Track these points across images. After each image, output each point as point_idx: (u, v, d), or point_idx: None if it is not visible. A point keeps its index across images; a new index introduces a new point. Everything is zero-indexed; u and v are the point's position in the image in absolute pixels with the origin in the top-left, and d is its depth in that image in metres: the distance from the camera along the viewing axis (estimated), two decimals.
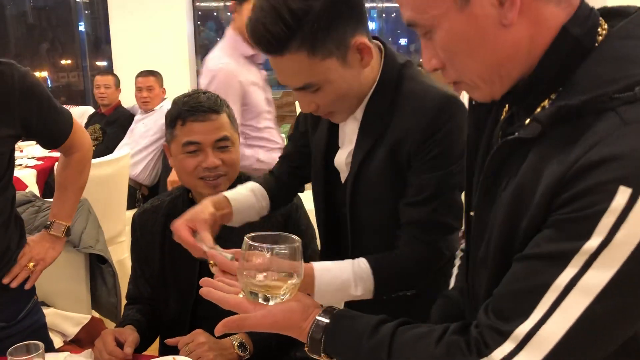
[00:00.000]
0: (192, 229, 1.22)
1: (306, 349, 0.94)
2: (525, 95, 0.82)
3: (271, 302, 0.93)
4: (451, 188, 1.23)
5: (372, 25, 8.51)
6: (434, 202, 1.23)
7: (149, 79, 4.45)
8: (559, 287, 0.70)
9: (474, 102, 0.95)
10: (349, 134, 1.34)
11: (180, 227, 1.23)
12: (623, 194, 0.66)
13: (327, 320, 0.92)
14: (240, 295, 0.96)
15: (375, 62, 1.25)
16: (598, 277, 0.68)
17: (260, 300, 0.93)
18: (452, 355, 0.79)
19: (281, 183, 1.52)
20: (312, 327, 0.92)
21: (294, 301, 0.95)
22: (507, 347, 0.74)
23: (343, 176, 1.38)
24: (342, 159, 1.35)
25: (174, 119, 1.56)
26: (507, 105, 0.90)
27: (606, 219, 0.67)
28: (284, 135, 2.98)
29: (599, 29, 0.78)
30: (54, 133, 1.60)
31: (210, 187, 1.55)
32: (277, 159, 1.59)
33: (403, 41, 9.20)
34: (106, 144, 4.49)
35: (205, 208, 1.28)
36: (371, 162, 1.28)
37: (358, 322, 0.91)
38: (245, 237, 0.93)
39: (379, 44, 1.29)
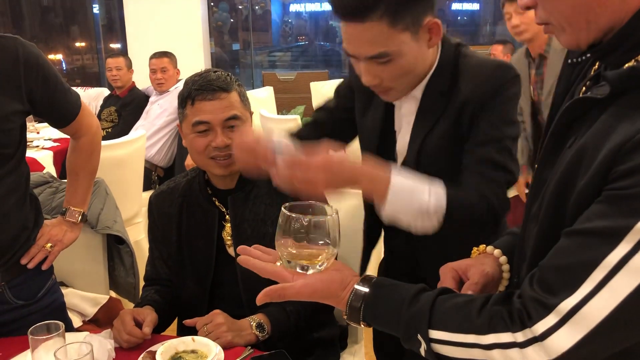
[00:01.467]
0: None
1: (344, 317, 0.95)
2: (612, 51, 0.79)
3: (309, 272, 0.95)
4: (513, 139, 1.30)
5: None
6: (497, 145, 1.28)
7: (163, 60, 4.44)
8: (609, 264, 0.69)
9: (569, 61, 0.93)
10: (406, 115, 1.38)
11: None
12: None
13: (366, 289, 0.93)
14: (278, 264, 0.98)
15: (435, 48, 1.32)
16: None
17: (298, 269, 0.95)
18: (493, 325, 0.79)
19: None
20: (351, 296, 0.93)
21: (333, 270, 0.96)
22: (551, 320, 0.73)
23: (400, 159, 1.41)
24: (405, 142, 1.38)
25: (184, 98, 1.55)
26: (597, 64, 0.87)
27: None
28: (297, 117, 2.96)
29: None
30: (60, 110, 1.60)
31: (222, 167, 1.53)
32: None
33: None
34: (122, 126, 4.50)
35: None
36: (432, 139, 1.32)
37: (397, 290, 0.92)
38: (282, 208, 0.95)
39: None
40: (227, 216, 1.60)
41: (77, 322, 2.07)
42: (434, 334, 0.85)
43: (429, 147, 1.33)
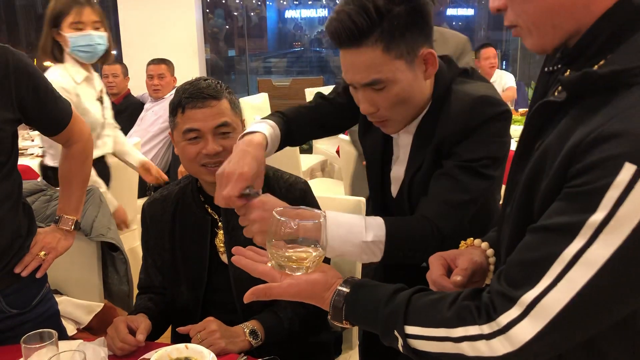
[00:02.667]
0: None
1: (329, 317, 1.00)
2: (578, 57, 0.82)
3: (297, 273, 1.00)
4: (489, 160, 1.28)
5: None
6: (464, 164, 1.28)
7: (161, 66, 4.46)
8: (565, 258, 0.73)
9: (545, 69, 0.96)
10: (403, 147, 1.41)
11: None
12: (628, 170, 0.68)
13: (348, 290, 0.98)
14: (269, 265, 1.03)
15: (431, 82, 1.34)
16: (602, 250, 0.70)
17: (287, 271, 1.00)
18: (462, 319, 0.83)
19: (295, 129, 1.52)
20: (334, 296, 0.98)
21: (318, 273, 1.01)
22: (514, 312, 0.77)
23: (394, 188, 1.45)
24: (400, 173, 1.42)
25: (175, 107, 1.55)
26: (568, 71, 0.90)
27: (610, 193, 0.69)
28: None
29: None
30: (51, 118, 1.60)
31: (213, 174, 1.53)
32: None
33: None
34: None
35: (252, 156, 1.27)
36: (419, 177, 1.35)
37: (376, 290, 0.97)
38: (274, 212, 1.00)
39: None
40: (220, 223, 1.60)
41: (71, 329, 2.07)
42: (410, 329, 0.89)
43: (416, 185, 1.36)
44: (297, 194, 1.61)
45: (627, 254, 0.70)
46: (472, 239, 1.15)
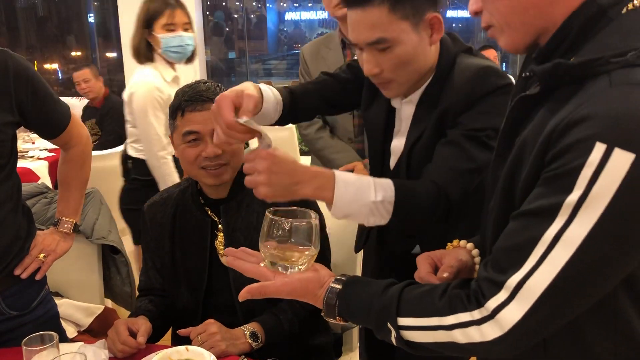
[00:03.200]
0: (236, 106, 1.16)
1: (322, 314, 1.01)
2: (550, 56, 0.85)
3: (290, 271, 1.01)
4: (492, 131, 1.27)
5: None
6: (469, 133, 1.28)
7: None
8: (547, 239, 0.76)
9: (522, 74, 0.97)
10: (405, 119, 1.40)
11: (224, 102, 1.13)
12: (598, 150, 0.71)
13: (340, 286, 0.99)
14: (262, 265, 1.04)
15: (436, 51, 1.34)
16: (580, 229, 0.73)
17: (280, 270, 1.01)
18: (453, 307, 0.86)
19: (300, 102, 1.49)
20: (327, 293, 0.99)
21: (311, 271, 1.03)
22: (501, 296, 0.80)
23: (393, 160, 1.45)
24: (400, 145, 1.42)
25: (174, 110, 1.56)
26: None
27: (584, 172, 0.72)
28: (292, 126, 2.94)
29: (633, 2, 0.80)
30: (50, 121, 1.61)
31: (212, 177, 1.54)
32: None
33: None
34: (105, 137, 4.48)
35: (250, 84, 1.24)
36: (418, 149, 1.36)
37: (368, 286, 0.98)
38: (267, 212, 1.01)
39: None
40: (220, 225, 1.60)
41: (72, 332, 2.07)
42: (402, 321, 0.90)
43: (416, 157, 1.36)
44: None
45: (603, 230, 0.72)
46: (457, 240, 1.16)
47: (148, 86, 2.54)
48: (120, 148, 3.44)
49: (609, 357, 0.85)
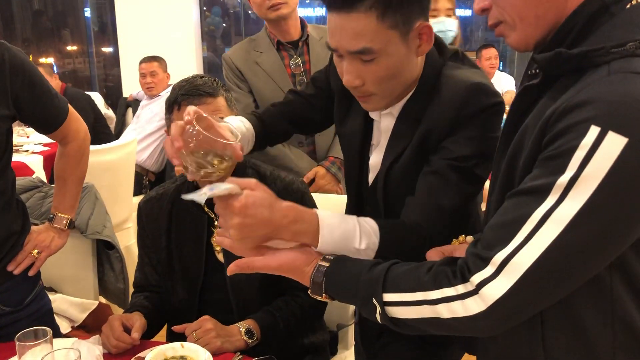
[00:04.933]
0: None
1: (309, 291, 1.02)
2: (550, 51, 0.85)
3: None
4: (480, 158, 1.20)
5: None
6: (454, 163, 1.20)
7: (152, 64, 4.44)
8: (536, 218, 0.77)
9: (528, 72, 0.97)
10: (385, 132, 1.30)
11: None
12: (593, 132, 0.73)
13: (327, 264, 1.00)
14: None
15: (421, 61, 1.23)
16: (569, 208, 0.75)
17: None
18: (439, 282, 0.87)
19: (269, 127, 1.44)
20: (314, 271, 1.00)
21: (300, 250, 1.04)
22: (487, 271, 0.81)
23: (371, 176, 1.36)
24: (378, 160, 1.32)
25: (171, 104, 1.55)
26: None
27: (577, 154, 0.74)
28: None
29: None
30: (47, 116, 1.59)
31: None
32: None
33: None
34: None
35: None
36: (398, 167, 1.27)
37: (355, 264, 1.00)
38: (194, 122, 1.03)
39: None
40: (216, 222, 1.59)
41: (65, 327, 2.06)
42: (387, 296, 0.91)
43: (394, 176, 1.27)
44: (295, 193, 1.60)
45: (592, 211, 0.74)
46: (463, 236, 1.14)
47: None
48: (117, 142, 3.43)
49: (607, 346, 0.86)
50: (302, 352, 1.66)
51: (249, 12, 8.61)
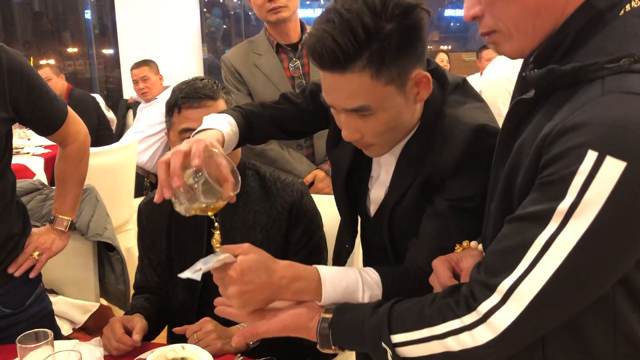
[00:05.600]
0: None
1: (318, 346, 1.01)
2: (547, 59, 0.85)
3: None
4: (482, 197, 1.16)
5: None
6: (456, 205, 1.18)
7: (143, 69, 4.41)
8: (539, 244, 0.77)
9: (523, 73, 0.96)
10: (385, 165, 1.29)
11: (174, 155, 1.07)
12: (590, 158, 0.72)
13: (331, 315, 1.00)
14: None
15: (421, 105, 1.21)
16: (572, 234, 0.74)
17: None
18: (443, 315, 0.86)
19: (255, 129, 1.41)
20: (319, 325, 1.00)
21: (299, 306, 1.04)
22: (494, 299, 0.81)
23: (373, 208, 1.35)
24: (380, 195, 1.31)
25: (171, 107, 1.55)
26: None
27: (576, 180, 0.73)
28: None
29: (631, 3, 0.80)
30: (46, 119, 1.59)
31: None
32: None
33: None
34: None
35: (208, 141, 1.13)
36: (401, 208, 1.25)
37: (358, 310, 0.99)
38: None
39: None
40: (216, 223, 1.60)
41: (67, 329, 2.06)
42: (396, 338, 0.90)
43: (400, 214, 1.26)
44: (294, 194, 1.61)
45: (595, 236, 0.73)
46: (467, 241, 1.13)
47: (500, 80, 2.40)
48: (118, 144, 3.43)
49: (609, 356, 0.85)
50: (303, 353, 1.66)
51: (249, 13, 8.61)
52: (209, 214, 1.08)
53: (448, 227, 1.17)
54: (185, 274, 1.01)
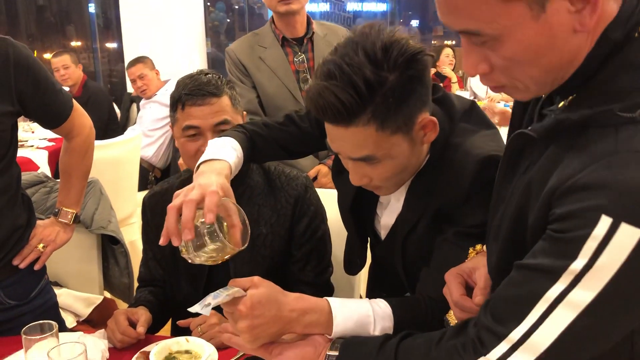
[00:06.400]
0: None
1: None
2: (564, 92, 0.82)
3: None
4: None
5: (383, 7, 8.43)
6: (465, 230, 1.18)
7: (137, 67, 4.37)
8: (549, 299, 0.76)
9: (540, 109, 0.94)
10: (395, 194, 1.28)
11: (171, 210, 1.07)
12: (604, 223, 0.70)
13: (337, 353, 0.99)
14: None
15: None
16: (583, 296, 0.73)
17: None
18: (449, 358, 0.86)
19: (259, 150, 1.39)
20: None
21: (304, 342, 1.03)
22: (503, 347, 0.80)
23: (383, 233, 1.36)
24: (390, 221, 1.32)
25: (175, 102, 1.54)
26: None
27: (589, 243, 0.71)
28: None
29: None
30: (51, 112, 1.59)
31: None
32: None
33: (415, 22, 9.09)
34: None
35: (220, 183, 1.11)
36: (413, 239, 1.25)
37: (365, 345, 0.98)
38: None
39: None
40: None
41: (71, 322, 2.07)
42: None
43: (411, 244, 1.26)
44: (299, 187, 1.60)
45: (607, 299, 0.72)
46: (480, 245, 1.11)
47: None
48: (122, 137, 3.43)
49: None
50: None
51: (254, 7, 8.60)
52: (215, 260, 1.06)
53: (458, 255, 1.14)
54: (194, 309, 1.00)
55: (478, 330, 0.84)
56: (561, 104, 0.82)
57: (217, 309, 1.07)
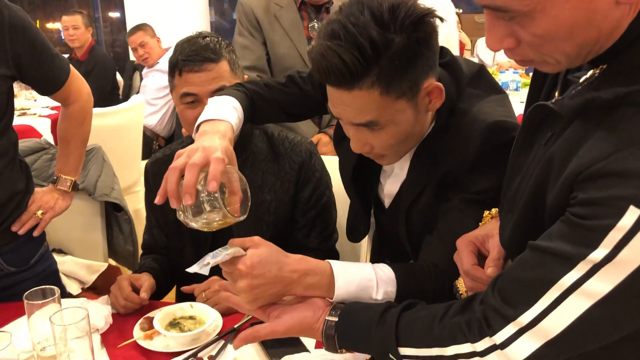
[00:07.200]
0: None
1: (324, 347, 0.99)
2: (597, 61, 0.77)
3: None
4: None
5: None
6: (471, 196, 1.15)
7: (138, 34, 4.34)
8: (563, 285, 0.73)
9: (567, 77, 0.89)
10: (398, 163, 1.24)
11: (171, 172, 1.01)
12: (632, 214, 0.66)
13: (336, 319, 0.97)
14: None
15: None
16: (599, 286, 0.70)
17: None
18: (453, 336, 0.84)
19: (259, 110, 1.35)
20: (324, 328, 0.97)
21: (304, 305, 1.00)
22: (510, 329, 0.78)
23: (387, 201, 1.33)
24: (394, 189, 1.28)
25: (172, 67, 1.50)
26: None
27: (613, 234, 0.68)
28: None
29: None
30: (48, 77, 1.55)
31: None
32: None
33: None
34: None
35: (224, 146, 1.06)
36: (418, 208, 1.21)
37: (365, 313, 0.96)
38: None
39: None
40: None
41: (75, 289, 2.07)
42: (404, 351, 0.89)
43: (415, 213, 1.22)
44: (303, 153, 1.58)
45: (624, 293, 0.69)
46: (496, 209, 1.08)
47: None
48: (124, 104, 3.40)
49: None
50: None
51: None
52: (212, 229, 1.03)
53: (462, 222, 1.12)
54: (193, 269, 0.98)
55: (484, 310, 0.81)
56: (590, 72, 0.77)
57: (219, 272, 1.05)
